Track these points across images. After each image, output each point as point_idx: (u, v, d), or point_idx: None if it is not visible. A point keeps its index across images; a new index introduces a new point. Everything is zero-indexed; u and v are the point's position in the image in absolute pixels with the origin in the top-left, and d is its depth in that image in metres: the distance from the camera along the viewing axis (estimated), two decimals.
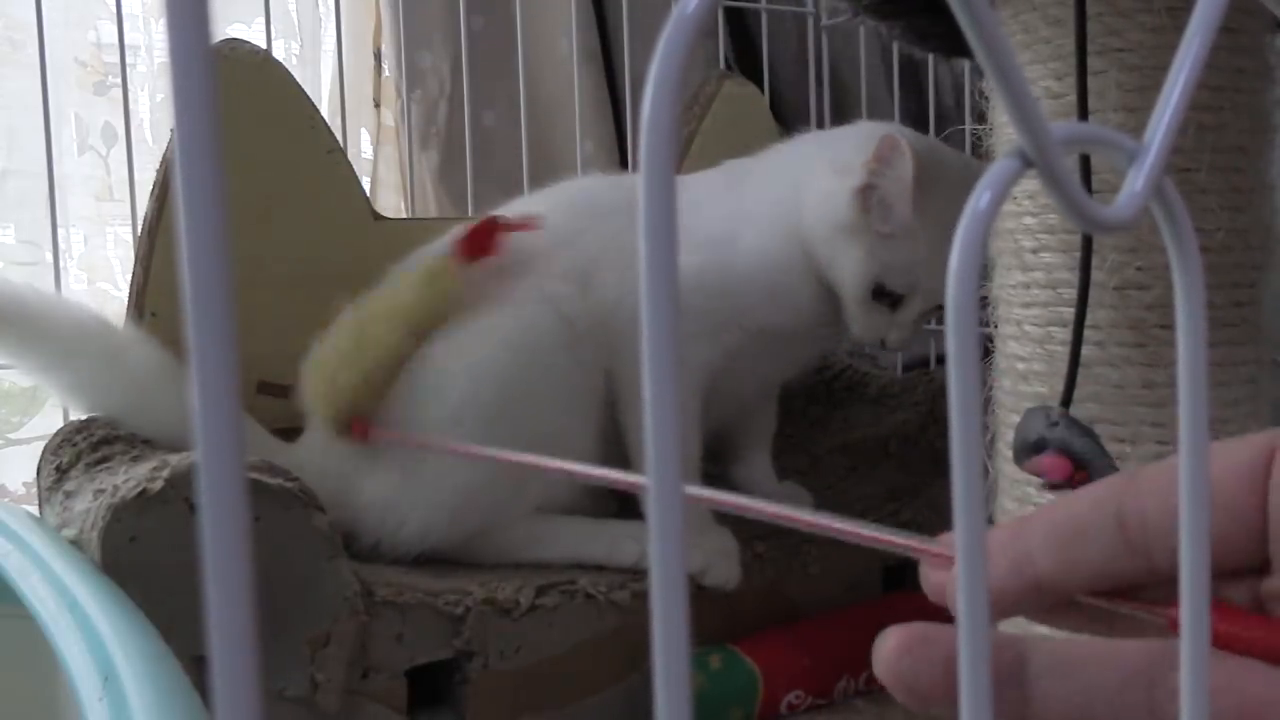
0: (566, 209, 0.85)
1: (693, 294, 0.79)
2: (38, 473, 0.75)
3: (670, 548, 0.12)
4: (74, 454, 0.71)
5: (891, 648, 0.22)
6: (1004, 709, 0.22)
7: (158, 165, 0.89)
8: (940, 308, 0.82)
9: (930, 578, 0.23)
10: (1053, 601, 0.22)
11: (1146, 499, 0.21)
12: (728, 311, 0.80)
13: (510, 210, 0.88)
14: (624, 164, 1.32)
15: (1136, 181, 0.14)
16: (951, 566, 0.22)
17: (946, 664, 0.21)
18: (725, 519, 0.81)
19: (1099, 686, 0.21)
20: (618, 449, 0.82)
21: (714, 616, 0.77)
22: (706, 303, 0.79)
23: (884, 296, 0.78)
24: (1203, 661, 0.16)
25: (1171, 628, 0.21)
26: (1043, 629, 0.24)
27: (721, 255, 0.80)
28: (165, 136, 1.26)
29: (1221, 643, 0.20)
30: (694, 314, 0.79)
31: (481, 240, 0.77)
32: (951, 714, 0.20)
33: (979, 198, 0.13)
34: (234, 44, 0.89)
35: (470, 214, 1.08)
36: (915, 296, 0.78)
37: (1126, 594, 0.22)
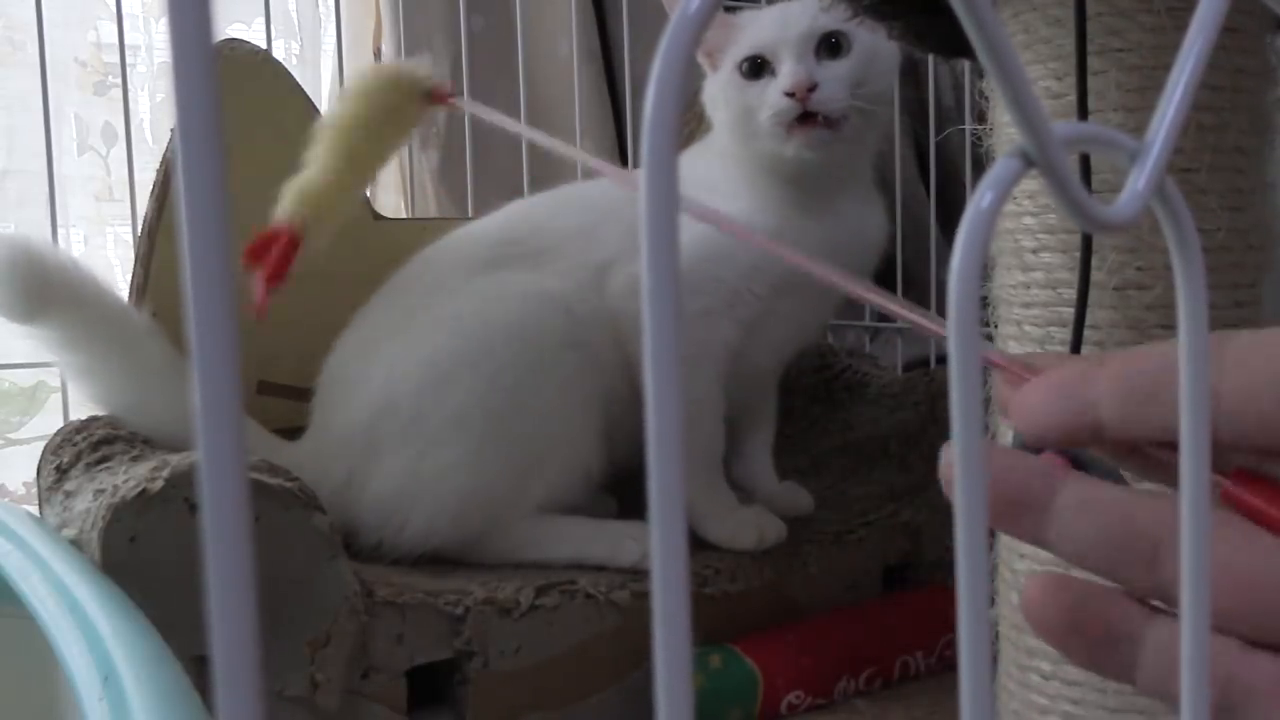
0: (580, 207, 0.85)
1: (701, 264, 0.78)
2: (38, 473, 0.75)
3: (671, 547, 0.12)
4: (74, 454, 0.71)
5: (1031, 595, 0.24)
6: (1024, 527, 0.23)
7: (158, 165, 0.89)
8: None
9: (1007, 398, 0.24)
10: (1110, 445, 0.24)
11: (1222, 375, 0.22)
12: (738, 276, 0.80)
13: (514, 209, 0.88)
14: (624, 164, 1.32)
15: (1138, 181, 0.14)
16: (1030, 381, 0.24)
17: (1072, 609, 0.23)
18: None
19: (1110, 533, 0.23)
20: (621, 447, 0.82)
21: (714, 616, 0.77)
22: (717, 270, 0.79)
23: (755, 72, 0.78)
24: (1202, 650, 0.16)
25: (1222, 495, 0.22)
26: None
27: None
28: (165, 136, 1.26)
29: (1250, 514, 0.21)
30: (706, 286, 0.79)
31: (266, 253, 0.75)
32: (1077, 652, 0.23)
33: (981, 197, 0.13)
34: (234, 44, 0.89)
35: (470, 214, 1.08)
36: (781, 53, 0.78)
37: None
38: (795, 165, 0.78)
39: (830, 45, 0.77)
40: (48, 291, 0.71)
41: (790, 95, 0.75)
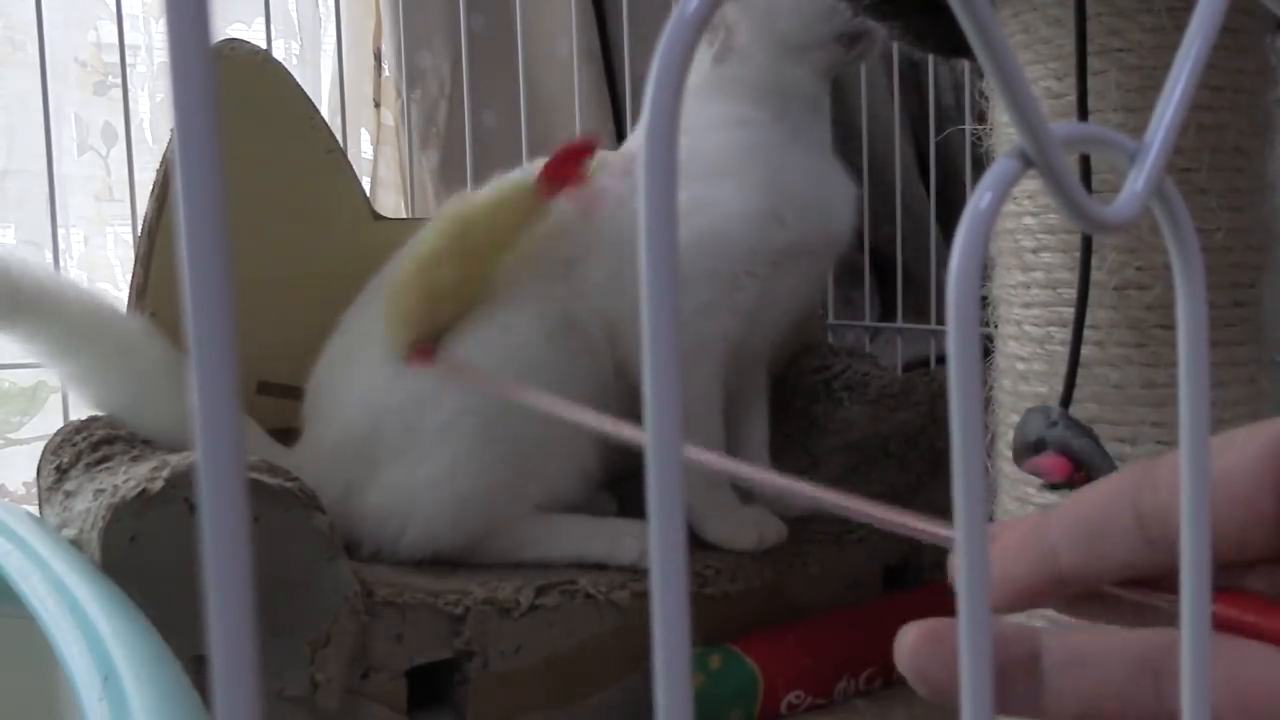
0: None
1: (697, 259, 0.78)
2: (38, 473, 0.75)
3: (670, 545, 0.12)
4: (74, 454, 0.71)
5: (910, 643, 0.23)
6: (1019, 702, 0.22)
7: (158, 165, 0.89)
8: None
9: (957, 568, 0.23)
10: (1076, 593, 0.23)
11: (1164, 493, 0.21)
12: (735, 263, 0.80)
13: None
14: None
15: (1137, 181, 0.14)
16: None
17: (949, 656, 0.22)
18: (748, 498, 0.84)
19: (1110, 679, 0.22)
20: (618, 442, 0.82)
21: (714, 616, 0.77)
22: (713, 263, 0.79)
23: (845, 36, 0.83)
24: (1203, 665, 0.16)
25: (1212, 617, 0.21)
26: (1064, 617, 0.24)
27: (709, 206, 0.80)
28: (165, 136, 1.26)
29: (1231, 628, 0.21)
30: (702, 280, 0.79)
31: (566, 167, 0.74)
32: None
33: (980, 198, 0.13)
34: (234, 44, 0.89)
35: None
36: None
37: (1149, 584, 0.22)
38: (828, 78, 0.86)
39: None
40: (20, 301, 0.71)
41: None
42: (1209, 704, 0.16)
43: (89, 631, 0.45)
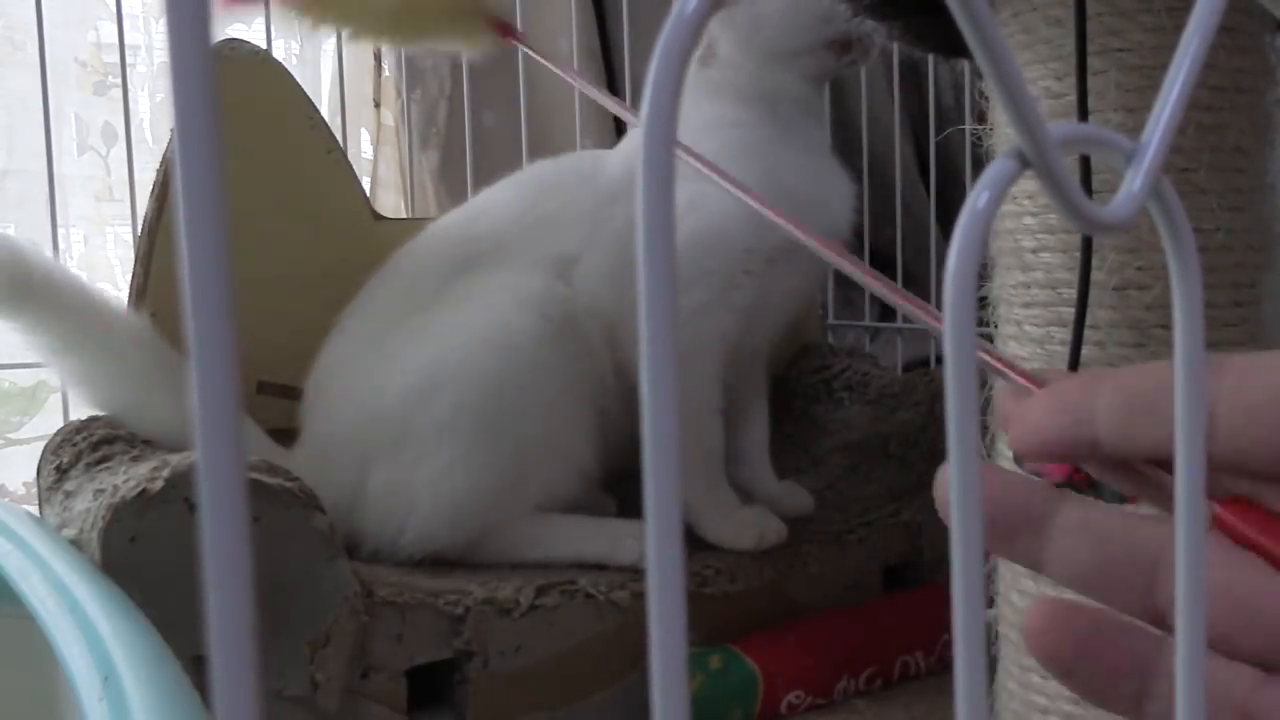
0: (537, 195, 0.85)
1: (695, 259, 0.78)
2: (38, 473, 0.75)
3: (668, 546, 0.12)
4: (74, 454, 0.71)
5: (1034, 623, 0.23)
6: (1021, 549, 0.23)
7: (158, 165, 0.89)
8: None
9: (1003, 405, 0.24)
10: (1108, 462, 0.23)
11: (1228, 379, 0.21)
12: (732, 261, 0.80)
13: (475, 204, 0.88)
14: None
15: (1134, 181, 0.14)
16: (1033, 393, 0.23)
17: (1082, 640, 0.23)
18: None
19: (1108, 555, 0.23)
20: (616, 440, 0.82)
21: (714, 616, 0.77)
22: (711, 262, 0.79)
23: (836, 44, 0.82)
24: (1198, 638, 0.16)
25: (1213, 521, 0.22)
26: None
27: (705, 205, 0.80)
28: (165, 136, 1.26)
29: (1243, 541, 0.21)
30: (699, 280, 0.79)
31: None
32: (1083, 683, 0.23)
33: (977, 197, 0.13)
34: (234, 44, 0.89)
35: None
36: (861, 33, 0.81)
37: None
38: (821, 85, 0.86)
39: None
40: (28, 288, 0.71)
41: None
42: (1204, 604, 0.16)
43: (89, 631, 0.46)
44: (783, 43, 0.82)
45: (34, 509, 0.71)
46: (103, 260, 1.32)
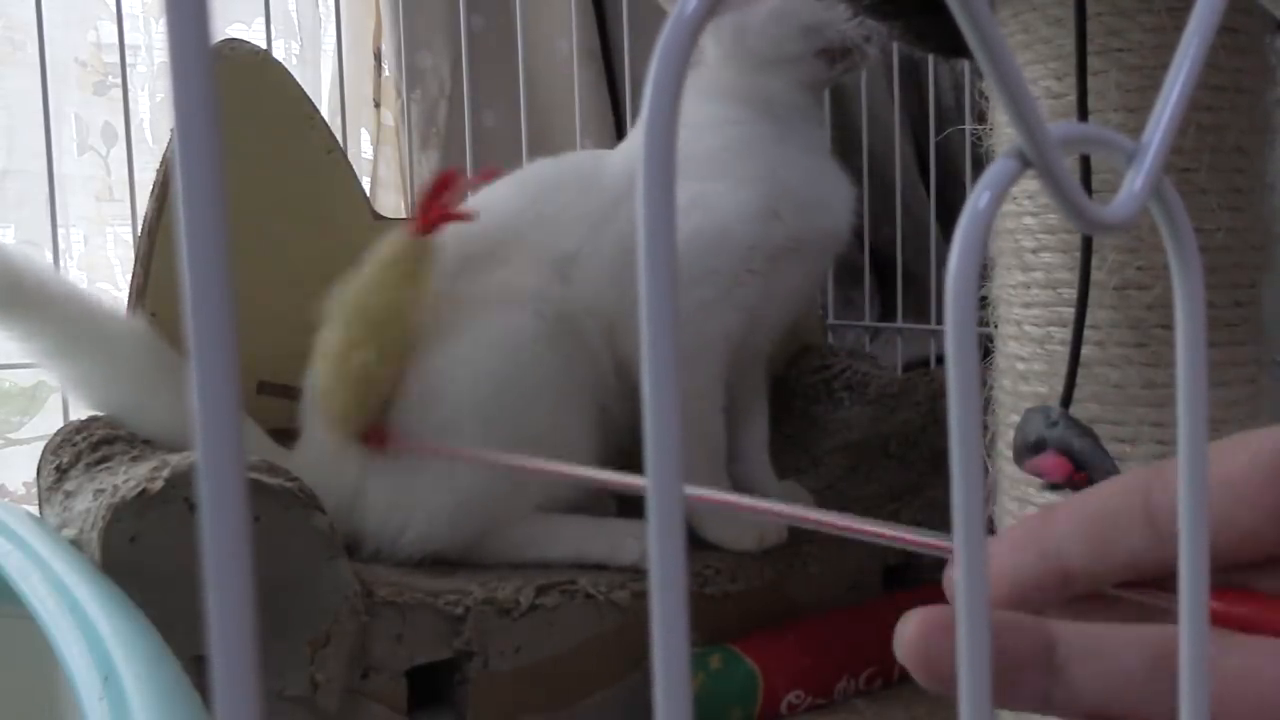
0: (536, 193, 0.85)
1: (698, 258, 0.78)
2: (38, 473, 0.75)
3: (670, 547, 0.12)
4: (74, 454, 0.71)
5: (914, 630, 0.22)
6: (1030, 693, 0.22)
7: (158, 165, 0.89)
8: None
9: (952, 579, 0.23)
10: (1081, 592, 0.22)
11: (1175, 490, 0.21)
12: (736, 260, 0.80)
13: (475, 203, 0.89)
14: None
15: (1135, 181, 0.14)
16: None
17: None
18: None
19: (1128, 672, 0.21)
20: (616, 439, 0.82)
21: (714, 616, 0.77)
22: (714, 261, 0.79)
23: (826, 54, 0.83)
24: (1201, 669, 0.16)
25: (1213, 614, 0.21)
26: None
27: (707, 204, 0.80)
28: (165, 136, 1.26)
29: (1242, 626, 0.21)
30: (703, 279, 0.79)
31: (434, 205, 0.74)
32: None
33: (978, 197, 0.13)
34: (234, 44, 0.89)
35: None
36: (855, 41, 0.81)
37: (1157, 585, 0.22)
38: (816, 91, 0.86)
39: None
40: (21, 296, 0.71)
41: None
42: (1208, 696, 0.16)
43: (89, 631, 0.46)
44: (767, 51, 0.82)
45: (34, 509, 0.71)
46: (103, 260, 1.32)
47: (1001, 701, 0.22)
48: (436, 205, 0.74)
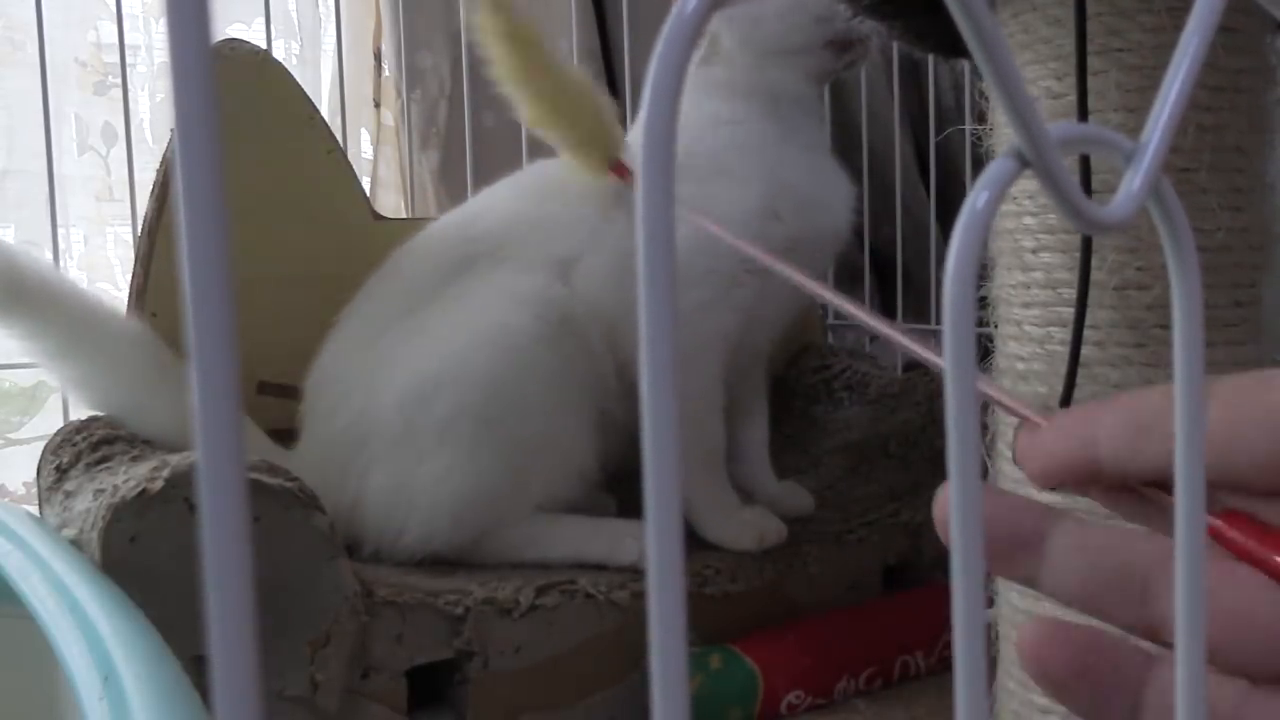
0: (536, 195, 0.85)
1: (697, 258, 0.78)
2: (38, 473, 0.75)
3: (668, 546, 0.12)
4: (74, 454, 0.71)
5: (1029, 641, 0.24)
6: (1018, 568, 0.24)
7: (158, 165, 0.89)
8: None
9: (1023, 445, 0.24)
10: (1108, 484, 0.24)
11: (1216, 409, 0.22)
12: (734, 261, 0.80)
13: (475, 204, 0.89)
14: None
15: (1133, 181, 0.14)
16: (1045, 430, 0.24)
17: (1075, 658, 0.23)
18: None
19: (1101, 570, 0.23)
20: (617, 440, 0.82)
21: (714, 616, 0.77)
22: (713, 261, 0.79)
23: (835, 44, 0.83)
24: (1198, 650, 0.16)
25: (1209, 534, 0.22)
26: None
27: (707, 204, 0.80)
28: (165, 136, 1.26)
29: (1240, 554, 0.21)
30: (701, 279, 0.79)
31: None
32: (1078, 701, 0.23)
33: (976, 197, 0.13)
34: (234, 44, 0.89)
35: None
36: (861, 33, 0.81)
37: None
38: (821, 84, 0.87)
39: None
40: (23, 295, 0.71)
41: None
42: (1204, 618, 0.16)
43: (89, 631, 0.46)
44: (782, 40, 0.83)
45: (34, 509, 0.71)
46: (103, 260, 1.32)
47: (995, 569, 0.24)
48: None
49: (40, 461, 0.75)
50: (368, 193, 1.09)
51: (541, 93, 0.74)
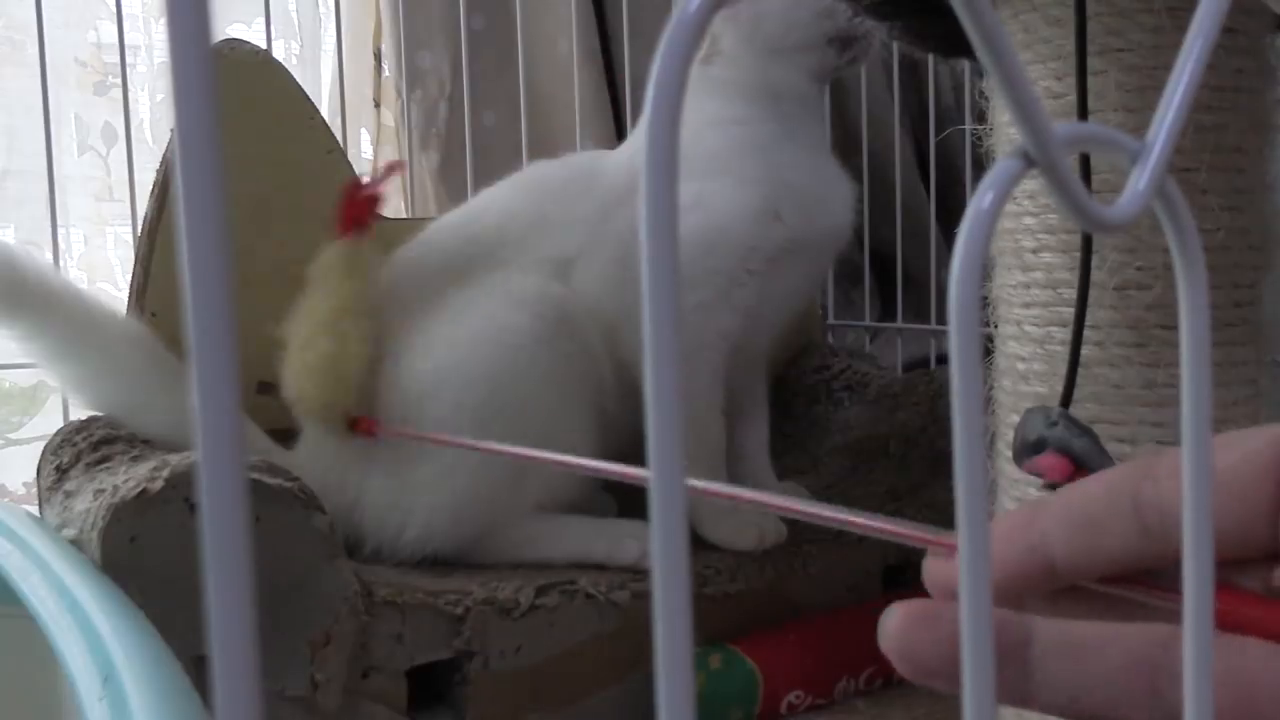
0: (536, 195, 0.85)
1: (698, 258, 0.78)
2: (38, 473, 0.75)
3: (673, 545, 0.12)
4: (74, 454, 0.71)
5: (896, 622, 0.22)
6: (1005, 686, 0.22)
7: (158, 165, 0.89)
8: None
9: (932, 569, 0.23)
10: (1065, 585, 0.22)
11: (1164, 483, 0.21)
12: (735, 260, 0.80)
13: (475, 204, 0.89)
14: None
15: (1140, 181, 0.14)
16: (955, 557, 0.22)
17: (950, 641, 0.21)
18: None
19: (1102, 669, 0.21)
20: (616, 441, 0.82)
21: (714, 616, 0.77)
22: (713, 261, 0.79)
23: (837, 40, 0.83)
24: (1206, 659, 0.16)
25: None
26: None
27: (707, 204, 0.80)
28: (165, 136, 1.26)
29: (1228, 624, 0.20)
30: (701, 279, 0.79)
31: (353, 211, 0.77)
32: (952, 688, 0.20)
33: (982, 197, 0.13)
34: (234, 44, 0.89)
35: None
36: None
37: (1141, 580, 0.22)
38: (823, 81, 0.86)
39: None
40: (23, 296, 0.71)
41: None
42: (1211, 696, 0.16)
43: (89, 631, 0.45)
44: (784, 38, 0.83)
45: (34, 509, 0.71)
46: (103, 260, 1.32)
47: None
48: (350, 207, 0.77)
49: (40, 461, 0.75)
50: None
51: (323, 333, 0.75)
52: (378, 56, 1.38)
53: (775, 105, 0.84)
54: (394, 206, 1.35)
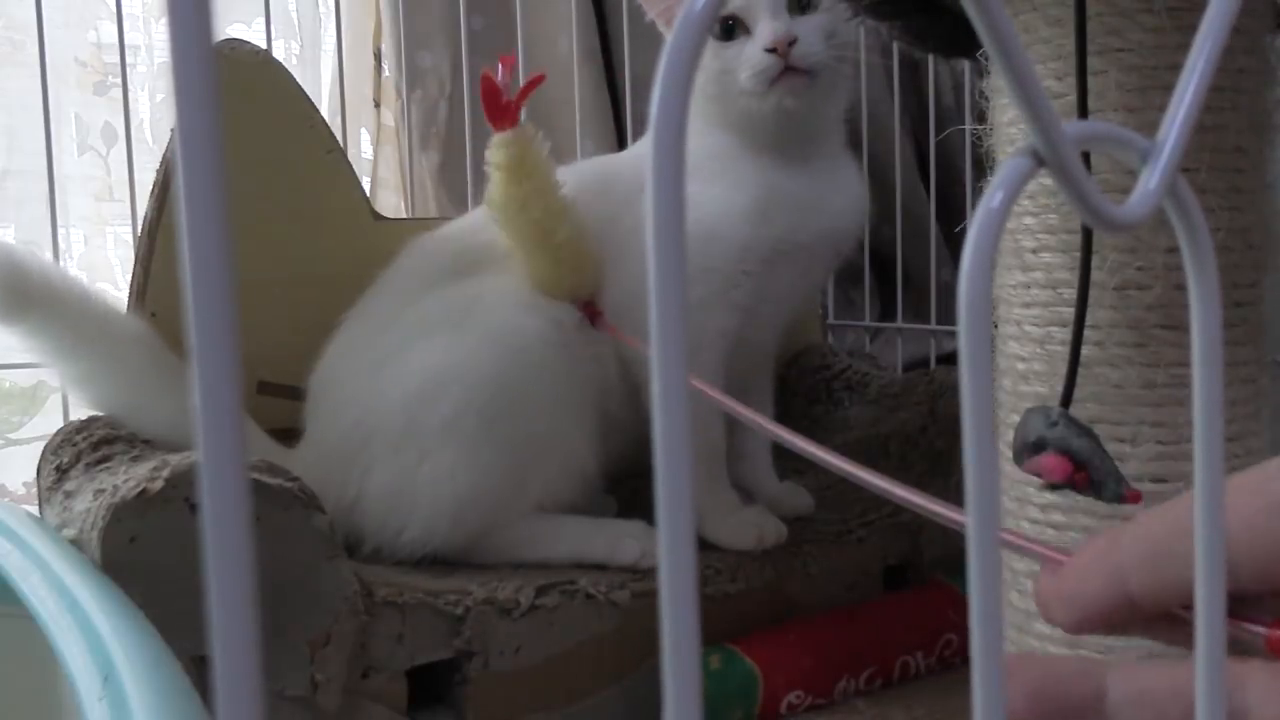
0: None
1: (694, 256, 0.78)
2: (38, 473, 0.75)
3: (680, 545, 0.12)
4: (74, 454, 0.71)
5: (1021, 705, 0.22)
6: None
7: (158, 165, 0.89)
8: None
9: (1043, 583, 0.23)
10: (1147, 616, 0.22)
11: (1230, 517, 0.21)
12: (731, 259, 0.80)
13: (482, 211, 0.89)
14: None
15: (1150, 180, 0.14)
16: (1061, 567, 0.23)
17: (1039, 689, 0.22)
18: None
19: (1174, 714, 0.21)
20: (620, 442, 0.82)
21: (714, 616, 0.77)
22: (710, 260, 0.79)
23: (728, 33, 0.80)
24: (1217, 676, 0.16)
25: (1268, 645, 0.21)
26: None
27: (703, 205, 0.79)
28: (165, 136, 1.26)
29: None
30: (699, 277, 0.79)
31: (497, 105, 0.79)
32: None
33: (991, 197, 0.13)
34: (234, 44, 0.89)
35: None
36: (755, 11, 0.78)
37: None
38: (775, 119, 0.80)
39: (800, 1, 0.79)
40: (28, 295, 0.71)
41: (772, 51, 0.76)
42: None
43: (89, 631, 0.45)
44: (704, 88, 0.81)
45: (34, 509, 0.71)
46: (103, 260, 1.32)
47: None
48: (498, 103, 0.78)
49: (40, 461, 0.75)
50: (368, 193, 1.09)
51: (529, 224, 0.77)
52: (378, 56, 1.38)
53: (752, 137, 0.82)
54: (394, 206, 1.35)
